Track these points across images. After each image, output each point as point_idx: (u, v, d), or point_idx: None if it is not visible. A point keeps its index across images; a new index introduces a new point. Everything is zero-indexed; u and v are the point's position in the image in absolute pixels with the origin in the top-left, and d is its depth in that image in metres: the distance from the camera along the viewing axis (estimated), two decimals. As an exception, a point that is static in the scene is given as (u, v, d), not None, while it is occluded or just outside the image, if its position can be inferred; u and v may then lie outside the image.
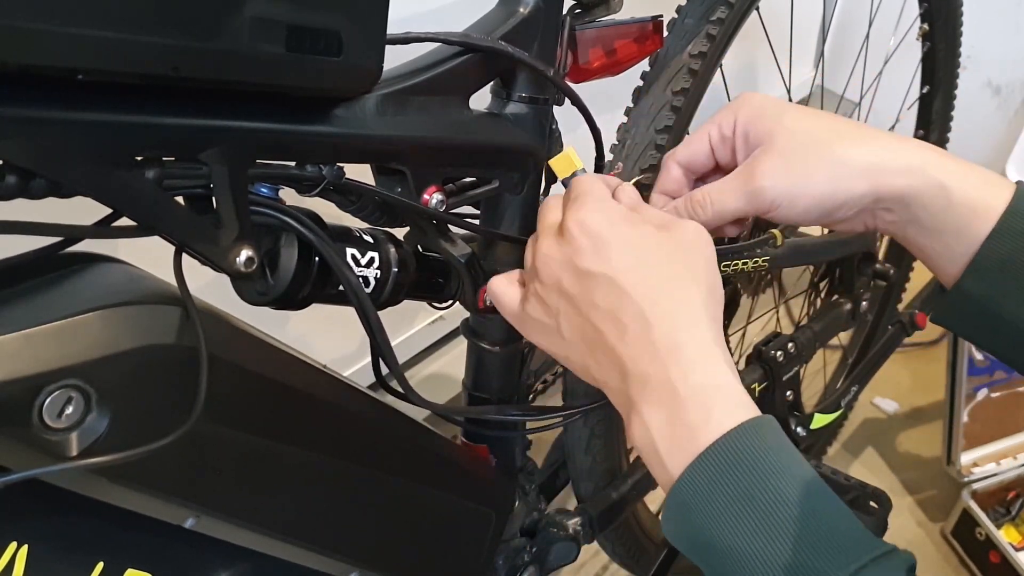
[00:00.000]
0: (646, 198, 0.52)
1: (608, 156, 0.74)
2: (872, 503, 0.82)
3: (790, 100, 1.05)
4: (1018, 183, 0.44)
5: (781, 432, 0.40)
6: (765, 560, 0.35)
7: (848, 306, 1.05)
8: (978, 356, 1.28)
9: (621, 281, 0.41)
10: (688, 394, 0.39)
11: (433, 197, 0.48)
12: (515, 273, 0.50)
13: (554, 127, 0.57)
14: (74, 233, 0.36)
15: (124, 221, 0.37)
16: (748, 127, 0.49)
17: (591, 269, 0.42)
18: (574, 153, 0.51)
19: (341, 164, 0.44)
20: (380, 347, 0.48)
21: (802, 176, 0.46)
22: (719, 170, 0.52)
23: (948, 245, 0.45)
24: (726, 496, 0.37)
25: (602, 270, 0.42)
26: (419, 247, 0.53)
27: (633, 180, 0.52)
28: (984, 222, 0.43)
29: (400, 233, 0.51)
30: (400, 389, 0.52)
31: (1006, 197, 0.44)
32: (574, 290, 0.43)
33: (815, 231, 1.00)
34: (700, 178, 0.53)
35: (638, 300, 0.41)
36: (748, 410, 0.39)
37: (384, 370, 0.51)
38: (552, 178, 0.56)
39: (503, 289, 0.49)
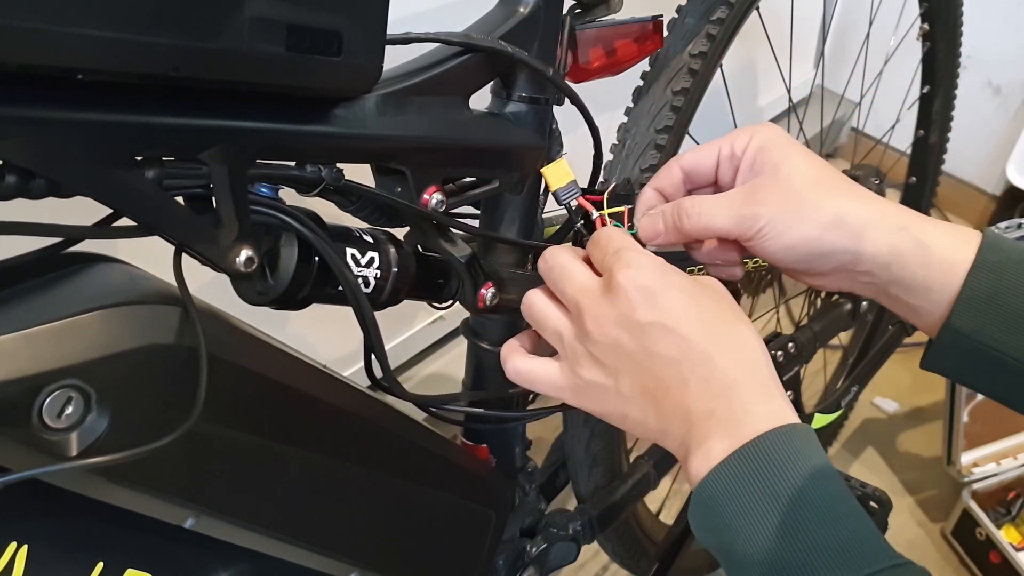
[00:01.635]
0: (626, 200, 0.52)
1: (608, 156, 0.74)
2: (872, 503, 0.82)
3: (790, 100, 1.05)
4: (985, 228, 0.46)
5: (816, 442, 0.41)
6: (782, 558, 0.36)
7: (848, 306, 1.05)
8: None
9: (683, 329, 0.42)
10: (751, 422, 0.40)
11: (433, 197, 0.48)
12: (523, 345, 0.50)
13: (554, 127, 0.57)
14: (74, 233, 0.36)
15: (124, 221, 0.37)
16: (758, 153, 0.49)
17: (650, 320, 0.42)
18: (566, 163, 0.52)
19: (341, 165, 0.44)
20: (374, 348, 0.48)
21: (797, 213, 0.46)
22: (716, 188, 0.53)
23: (930, 296, 0.46)
24: (753, 493, 0.38)
25: (660, 319, 0.42)
26: (419, 247, 0.53)
27: (609, 187, 0.52)
28: (962, 265, 0.45)
29: (400, 233, 0.51)
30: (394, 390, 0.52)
31: (977, 240, 0.45)
32: (633, 345, 0.43)
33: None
34: (695, 190, 0.53)
35: (701, 345, 0.42)
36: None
37: (379, 373, 0.51)
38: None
39: (534, 367, 0.47)
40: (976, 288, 0.44)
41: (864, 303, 1.07)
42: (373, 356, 0.50)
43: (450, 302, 0.56)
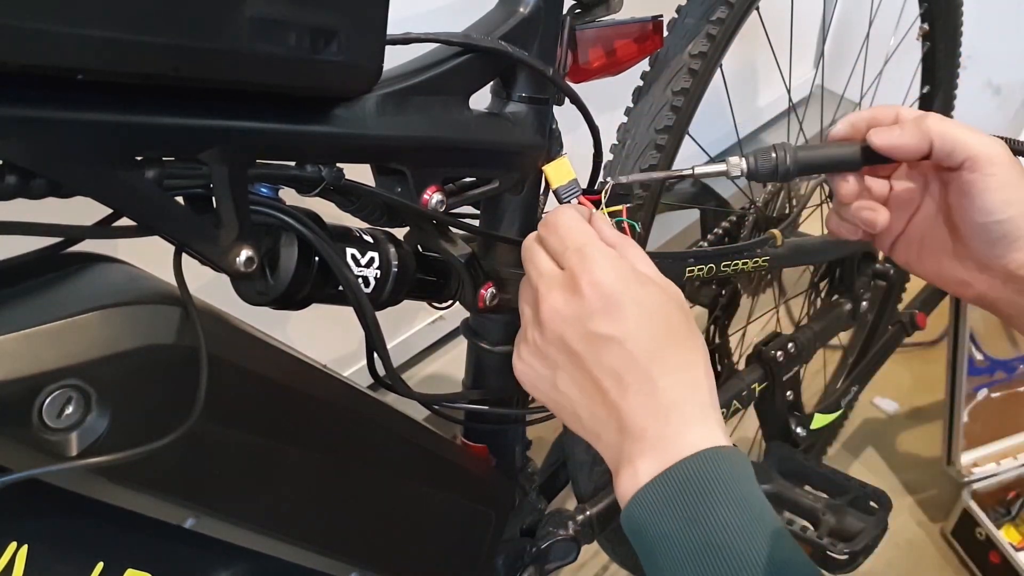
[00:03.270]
0: (624, 199, 0.52)
1: (608, 156, 0.74)
2: (872, 503, 0.82)
3: (790, 100, 1.05)
4: None
5: (745, 465, 0.41)
6: None
7: (848, 306, 1.05)
8: (978, 356, 1.28)
9: (631, 345, 0.42)
10: (680, 445, 0.40)
11: (433, 197, 0.48)
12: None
13: (554, 127, 0.57)
14: (74, 233, 0.36)
15: (124, 221, 0.37)
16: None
17: (603, 332, 0.42)
18: (568, 162, 0.52)
19: (341, 165, 0.44)
20: (376, 346, 0.48)
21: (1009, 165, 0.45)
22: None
23: None
24: (673, 518, 0.38)
25: (613, 333, 0.42)
26: (419, 247, 0.53)
27: (607, 186, 0.52)
28: None
29: (400, 233, 0.51)
30: (398, 388, 0.52)
31: None
32: (580, 347, 0.43)
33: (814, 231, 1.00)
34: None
35: (646, 363, 0.42)
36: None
37: (381, 371, 0.51)
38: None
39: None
40: None
41: (864, 303, 1.07)
42: (376, 355, 0.50)
43: (450, 302, 0.56)
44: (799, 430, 0.95)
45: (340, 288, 0.45)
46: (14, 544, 0.37)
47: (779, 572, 0.36)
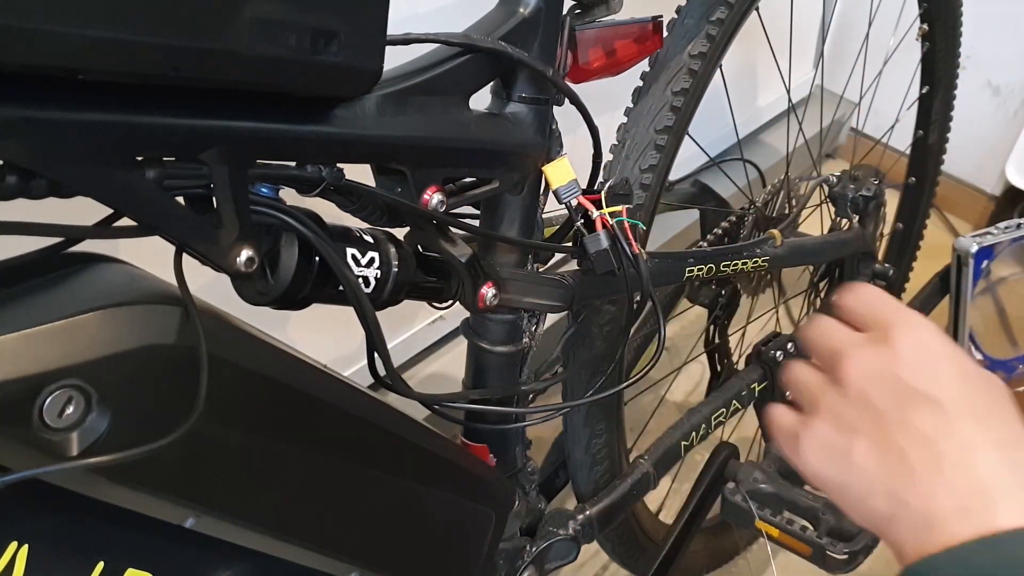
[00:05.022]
0: (624, 199, 0.52)
1: (608, 156, 0.75)
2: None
3: (789, 100, 1.05)
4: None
5: None
6: None
7: (848, 306, 1.05)
8: (978, 356, 1.28)
9: (949, 409, 0.37)
10: (996, 521, 0.35)
11: (433, 197, 0.48)
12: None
13: (554, 127, 0.57)
14: (74, 233, 0.36)
15: (124, 221, 0.37)
16: None
17: (916, 386, 0.38)
18: (568, 162, 0.52)
19: (341, 165, 0.44)
20: (376, 346, 0.48)
21: None
22: None
23: None
24: None
25: (928, 389, 0.38)
26: (419, 247, 0.53)
27: (606, 186, 0.52)
28: None
29: (400, 233, 0.51)
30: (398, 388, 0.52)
31: None
32: (886, 404, 0.38)
33: (815, 230, 1.00)
34: None
35: (964, 433, 0.37)
36: None
37: (381, 371, 0.51)
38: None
39: (777, 409, 0.44)
40: None
41: (864, 303, 1.07)
42: (376, 355, 0.50)
43: (450, 302, 0.56)
44: (799, 430, 0.95)
45: (340, 288, 0.45)
46: (14, 544, 0.37)
47: None
